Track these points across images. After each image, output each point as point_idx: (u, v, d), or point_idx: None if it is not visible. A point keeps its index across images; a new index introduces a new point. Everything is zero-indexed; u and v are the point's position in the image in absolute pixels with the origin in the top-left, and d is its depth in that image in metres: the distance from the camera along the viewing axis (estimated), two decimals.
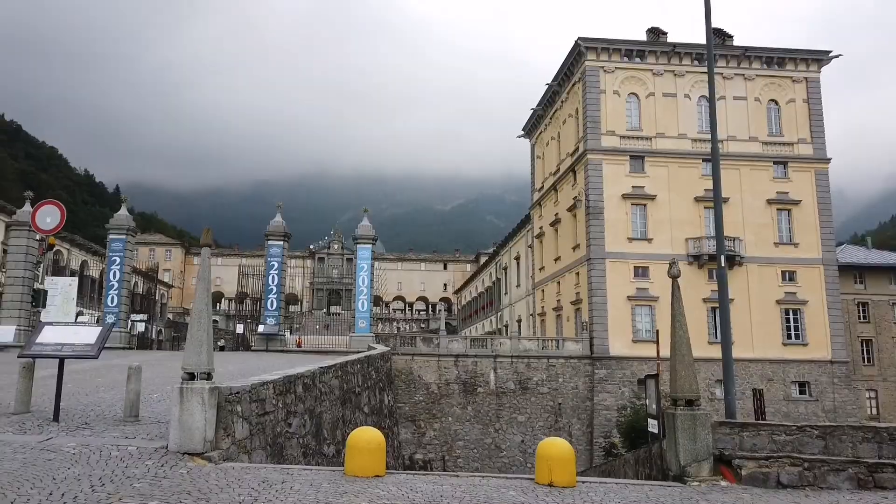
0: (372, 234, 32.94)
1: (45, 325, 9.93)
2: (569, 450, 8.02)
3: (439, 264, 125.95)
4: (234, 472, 7.67)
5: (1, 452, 7.61)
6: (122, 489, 6.48)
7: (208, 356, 8.45)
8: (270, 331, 30.04)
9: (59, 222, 11.89)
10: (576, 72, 46.14)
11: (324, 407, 13.84)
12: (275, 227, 31.81)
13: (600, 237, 41.56)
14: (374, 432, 8.21)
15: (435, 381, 37.16)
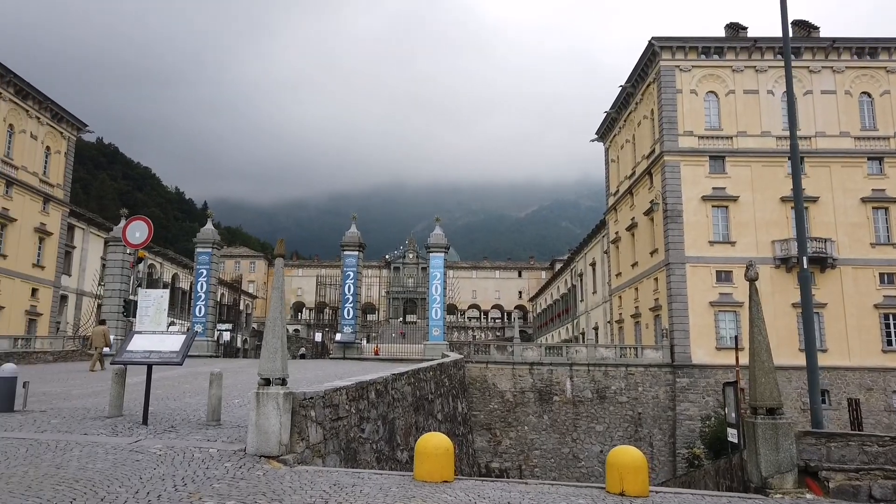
0: (444, 243, 33.17)
1: (134, 334, 10.55)
2: (641, 458, 7.80)
3: (514, 272, 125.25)
4: (307, 474, 7.89)
5: (94, 453, 8.15)
6: (203, 489, 6.79)
7: (283, 363, 8.74)
8: (347, 339, 30.72)
9: (147, 237, 12.62)
10: (650, 72, 45.04)
11: (396, 413, 14.02)
12: (350, 238, 32.57)
13: (679, 241, 40.26)
14: (441, 438, 8.26)
15: (510, 390, 36.93)
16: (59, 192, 52.37)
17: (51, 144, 51.62)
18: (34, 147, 49.43)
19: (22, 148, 47.87)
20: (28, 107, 48.46)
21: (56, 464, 7.56)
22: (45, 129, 50.79)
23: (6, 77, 45.69)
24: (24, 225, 47.46)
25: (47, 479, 6.89)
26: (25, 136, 48.31)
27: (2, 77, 45.39)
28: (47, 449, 8.30)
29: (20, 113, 47.70)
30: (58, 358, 29.29)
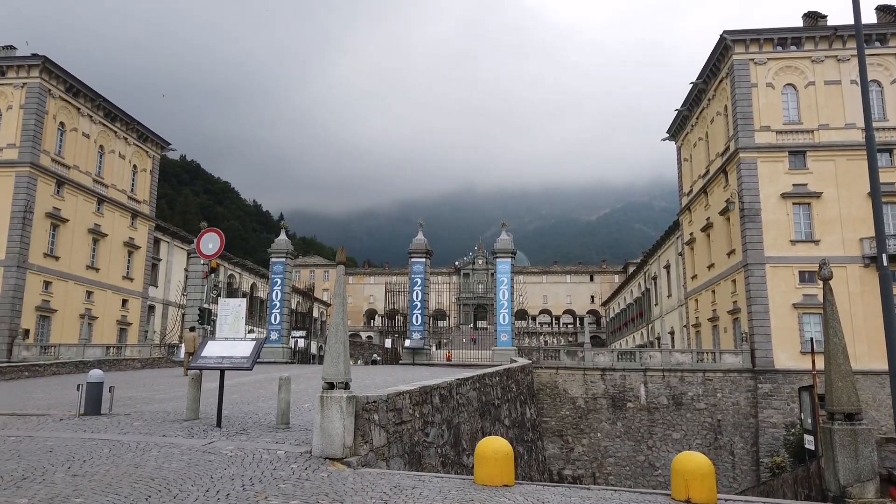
0: (511, 248, 33.07)
1: (208, 341, 11.06)
2: (708, 465, 7.54)
3: (585, 276, 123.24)
4: (369, 477, 8.04)
5: (170, 454, 8.58)
6: (269, 489, 7.05)
7: (345, 367, 8.96)
8: (416, 345, 31.06)
9: (219, 248, 13.22)
10: (722, 67, 43.51)
11: (462, 418, 14.06)
12: (417, 245, 32.95)
13: (758, 241, 38.61)
14: (501, 442, 8.24)
15: (581, 396, 36.32)
16: (145, 207, 55.39)
17: (137, 163, 54.71)
18: (122, 166, 52.52)
19: (111, 167, 50.96)
20: (116, 128, 51.56)
21: (135, 463, 8.01)
22: (132, 148, 53.88)
23: (96, 101, 48.80)
24: (114, 239, 50.46)
25: (126, 477, 7.31)
26: (114, 155, 51.41)
27: (92, 101, 48.52)
28: (128, 449, 8.81)
29: (109, 134, 50.82)
30: (145, 365, 30.96)
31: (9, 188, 41.88)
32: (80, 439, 9.56)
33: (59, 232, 44.84)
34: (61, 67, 45.03)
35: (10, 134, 42.91)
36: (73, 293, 45.87)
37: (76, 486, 6.84)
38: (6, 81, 43.57)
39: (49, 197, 44.00)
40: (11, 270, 40.78)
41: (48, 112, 44.22)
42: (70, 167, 46.30)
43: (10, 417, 12.05)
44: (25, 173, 42.12)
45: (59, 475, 7.34)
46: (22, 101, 43.17)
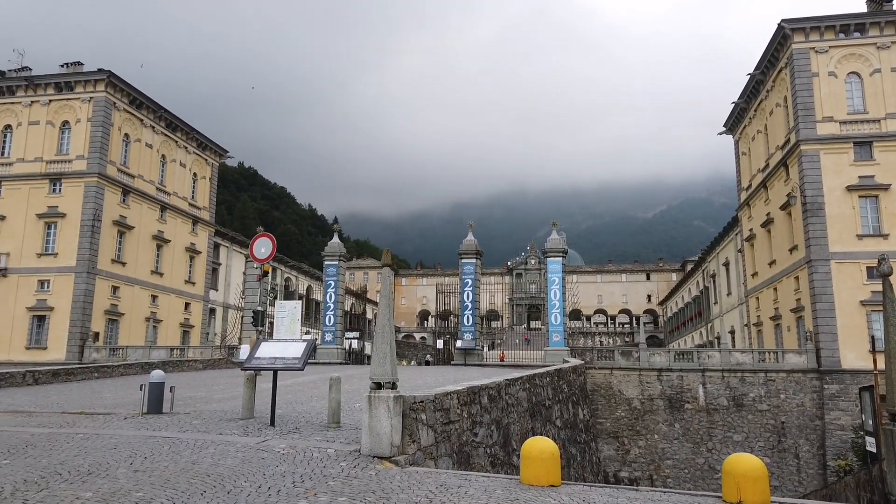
0: (561, 248, 32.79)
1: (262, 342, 11.40)
2: (760, 467, 7.35)
3: (641, 275, 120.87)
4: (416, 475, 8.15)
5: (226, 451, 8.90)
6: (318, 486, 7.24)
7: (392, 367, 9.10)
8: (468, 345, 31.12)
9: (271, 252, 13.60)
10: (781, 57, 42.03)
11: (511, 418, 14.05)
12: (467, 246, 33.02)
13: (821, 236, 37.12)
14: (547, 442, 8.23)
15: (637, 397, 35.67)
16: (205, 213, 57.28)
17: (197, 171, 56.64)
18: (183, 174, 54.47)
19: (173, 175, 52.92)
20: (177, 138, 53.52)
21: (192, 460, 8.34)
22: (192, 157, 55.82)
23: (158, 112, 50.78)
24: (176, 245, 52.36)
25: (183, 473, 7.63)
26: (175, 164, 53.37)
27: (154, 113, 50.51)
28: (186, 447, 9.18)
29: (171, 144, 52.80)
30: (206, 366, 32.03)
31: (79, 198, 44.00)
32: (142, 437, 10.01)
33: (125, 239, 46.84)
34: (125, 81, 47.03)
35: (79, 146, 45.08)
36: (138, 297, 47.84)
37: (137, 481, 7.18)
38: (74, 96, 45.80)
39: (116, 205, 46.01)
40: (82, 276, 42.82)
41: (113, 124, 46.26)
42: (135, 176, 48.31)
43: (79, 416, 12.70)
44: (94, 183, 44.17)
45: (122, 471, 7.71)
46: (89, 115, 45.30)
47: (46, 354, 41.60)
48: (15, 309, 43.13)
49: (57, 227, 44.05)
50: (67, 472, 7.59)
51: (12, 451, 8.96)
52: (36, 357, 41.19)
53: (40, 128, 45.82)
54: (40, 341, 42.71)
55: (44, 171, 45.14)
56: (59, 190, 44.58)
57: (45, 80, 46.39)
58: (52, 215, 44.06)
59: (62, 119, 45.83)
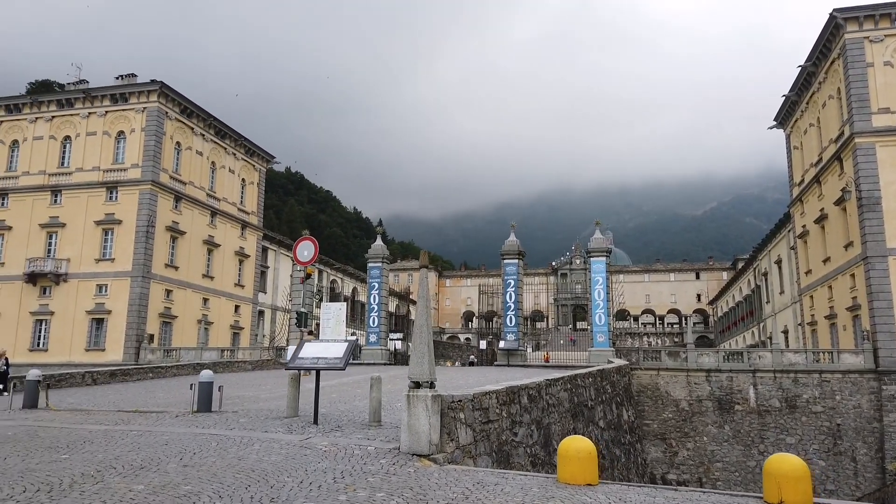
0: (605, 247, 32.46)
1: (304, 343, 11.70)
2: (802, 467, 7.22)
3: (691, 273, 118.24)
4: (454, 473, 8.27)
5: (270, 448, 9.19)
6: (358, 482, 7.43)
7: (430, 367, 9.24)
8: (511, 346, 31.10)
9: (314, 255, 13.95)
10: (833, 47, 40.67)
11: (552, 419, 14.04)
12: (509, 247, 33.00)
13: (878, 232, 35.77)
14: (584, 441, 8.24)
15: (685, 398, 34.99)
16: (253, 218, 58.68)
17: (245, 177, 58.07)
18: (232, 180, 55.94)
19: (222, 181, 54.41)
20: (226, 145, 55.01)
21: (238, 456, 8.66)
22: (241, 163, 57.27)
23: (208, 121, 52.29)
24: (226, 249, 53.80)
25: (230, 468, 7.93)
26: (225, 171, 54.85)
27: (204, 121, 52.03)
28: (233, 443, 9.51)
29: (220, 151, 54.30)
30: (255, 366, 32.84)
31: (134, 205, 45.66)
32: (192, 434, 10.41)
33: (177, 243, 48.38)
34: (176, 91, 48.59)
35: (134, 155, 46.78)
36: (191, 300, 49.33)
37: (186, 476, 7.50)
38: (129, 107, 47.55)
39: (168, 211, 47.58)
40: (137, 280, 44.42)
41: (166, 133, 47.84)
42: (186, 183, 49.85)
43: (134, 414, 13.25)
44: (147, 190, 45.77)
45: (172, 465, 8.06)
46: (143, 125, 46.96)
47: (105, 356, 43.28)
48: (75, 312, 45.00)
49: (114, 234, 45.80)
50: (121, 467, 7.98)
51: (71, 446, 9.45)
52: (95, 358, 42.89)
53: (97, 138, 47.71)
54: (99, 343, 44.46)
55: (101, 179, 46.98)
56: (116, 197, 46.34)
57: (101, 91, 48.30)
58: (109, 222, 45.83)
59: (118, 129, 47.63)
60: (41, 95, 51.77)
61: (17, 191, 48.24)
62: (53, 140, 48.58)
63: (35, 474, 7.56)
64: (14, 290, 46.17)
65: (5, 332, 45.20)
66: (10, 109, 49.68)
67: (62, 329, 45.05)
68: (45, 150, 48.46)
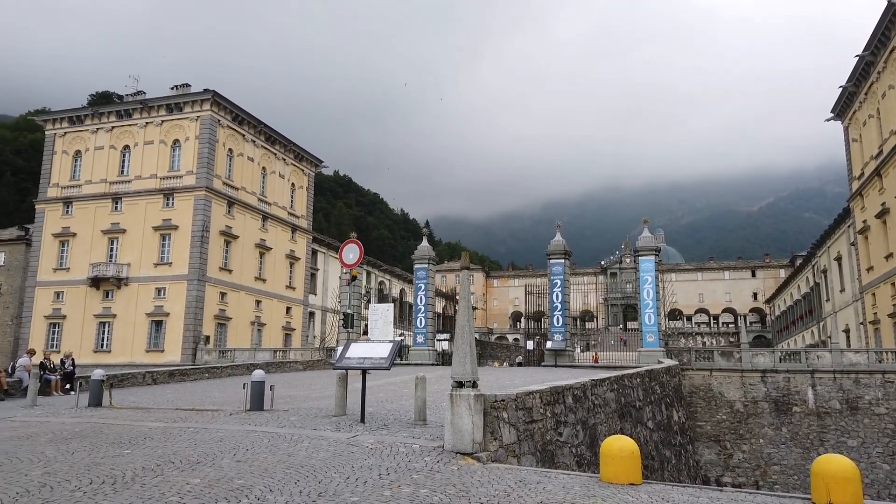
0: (653, 246, 31.97)
1: (351, 343, 11.99)
2: (852, 468, 7.07)
3: (746, 272, 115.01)
4: (497, 471, 8.38)
5: (319, 445, 9.48)
6: (402, 479, 7.62)
7: (472, 366, 9.37)
8: (558, 346, 30.93)
9: (359, 257, 14.26)
10: (892, 36, 39.04)
11: (598, 419, 13.99)
12: (555, 246, 32.82)
13: None
14: (626, 441, 8.24)
15: (739, 399, 34.13)
16: (303, 221, 59.91)
17: (295, 181, 59.35)
18: (282, 184, 57.25)
19: (273, 186, 55.75)
20: (276, 150, 56.35)
21: (288, 452, 8.96)
22: (290, 168, 58.56)
23: (258, 127, 53.67)
24: (277, 252, 55.10)
25: (280, 464, 8.23)
26: (275, 175, 56.19)
27: (255, 128, 53.42)
28: (283, 440, 9.84)
29: (270, 156, 55.66)
30: (306, 366, 33.54)
31: (189, 210, 47.24)
32: (245, 431, 10.80)
33: (230, 247, 49.82)
34: (227, 99, 50.05)
35: (189, 162, 48.40)
36: (244, 302, 50.70)
37: (239, 471, 7.83)
38: (183, 116, 49.22)
39: (222, 216, 49.04)
40: (193, 283, 45.93)
41: (218, 140, 49.33)
42: (238, 188, 51.27)
43: (191, 412, 13.80)
44: (202, 196, 47.29)
45: (226, 461, 8.42)
46: (197, 133, 48.55)
47: (164, 357, 44.90)
48: (136, 315, 46.83)
49: (171, 239, 47.48)
50: (179, 461, 8.38)
51: (133, 442, 9.95)
52: (155, 359, 44.55)
53: (154, 147, 49.56)
54: (158, 344, 46.15)
55: (158, 186, 48.76)
56: (172, 204, 48.02)
57: (157, 102, 50.14)
58: (167, 227, 47.53)
59: (173, 138, 49.36)
60: (101, 107, 54.07)
61: (80, 199, 50.48)
62: (113, 150, 50.64)
63: (100, 468, 8.01)
64: (79, 293, 48.34)
65: (71, 334, 47.41)
66: (72, 121, 52.05)
67: (124, 331, 46.93)
68: (105, 159, 50.57)
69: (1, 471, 7.90)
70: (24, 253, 58.90)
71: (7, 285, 61.69)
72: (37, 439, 10.41)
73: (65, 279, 49.16)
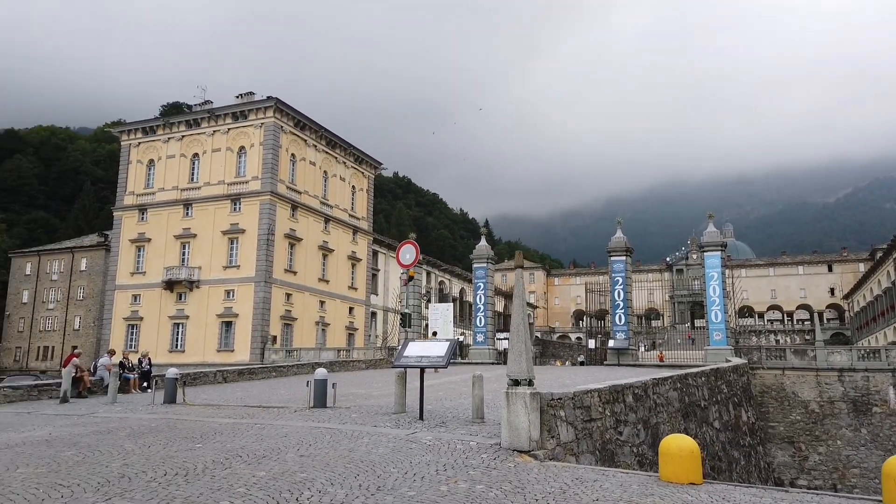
0: (719, 241, 31.01)
1: (409, 342, 12.20)
2: None
3: (822, 266, 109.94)
4: (554, 469, 8.39)
5: (378, 441, 9.71)
6: (459, 474, 7.74)
7: (528, 365, 9.40)
8: (620, 345, 30.43)
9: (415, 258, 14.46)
10: None
11: (661, 418, 13.75)
12: (616, 244, 32.29)
13: None
14: (686, 440, 8.12)
15: (814, 399, 32.73)
16: (364, 223, 60.93)
17: (355, 184, 60.42)
18: (343, 187, 58.39)
19: (334, 189, 56.93)
20: (336, 154, 57.52)
21: (349, 448, 9.22)
22: (350, 171, 59.66)
23: (319, 132, 54.92)
24: (339, 254, 56.23)
25: (341, 459, 8.49)
26: (336, 179, 57.37)
27: (316, 133, 54.69)
28: (345, 436, 10.12)
29: (331, 160, 56.87)
30: (369, 366, 34.16)
31: (255, 215, 48.79)
32: (308, 427, 11.16)
33: (295, 249, 51.17)
34: (289, 106, 51.42)
35: (254, 168, 49.99)
36: (308, 303, 51.99)
37: (302, 465, 8.12)
38: (248, 123, 50.86)
39: (286, 220, 50.43)
40: (260, 285, 47.42)
41: (281, 146, 50.75)
42: (301, 192, 52.61)
43: (258, 409, 14.32)
44: (267, 201, 48.76)
45: (290, 455, 8.74)
46: (261, 139, 50.09)
47: (234, 356, 46.53)
48: (207, 316, 48.70)
49: (238, 242, 49.15)
50: (246, 455, 8.75)
51: (204, 437, 10.43)
52: (225, 359, 46.21)
53: (221, 154, 51.40)
54: (228, 344, 47.85)
55: (226, 192, 50.55)
56: (239, 208, 49.70)
57: (223, 111, 51.98)
58: (234, 231, 49.23)
59: (239, 145, 51.07)
60: (172, 117, 56.45)
61: (154, 206, 52.88)
62: (184, 158, 52.80)
63: (174, 460, 8.46)
64: (154, 296, 50.65)
65: (148, 334, 49.72)
66: (146, 132, 54.57)
67: (196, 331, 48.88)
68: (176, 167, 52.78)
69: (85, 462, 8.45)
70: (104, 258, 62.21)
71: (89, 289, 65.30)
72: (117, 434, 11.05)
73: (141, 282, 51.58)
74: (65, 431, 11.44)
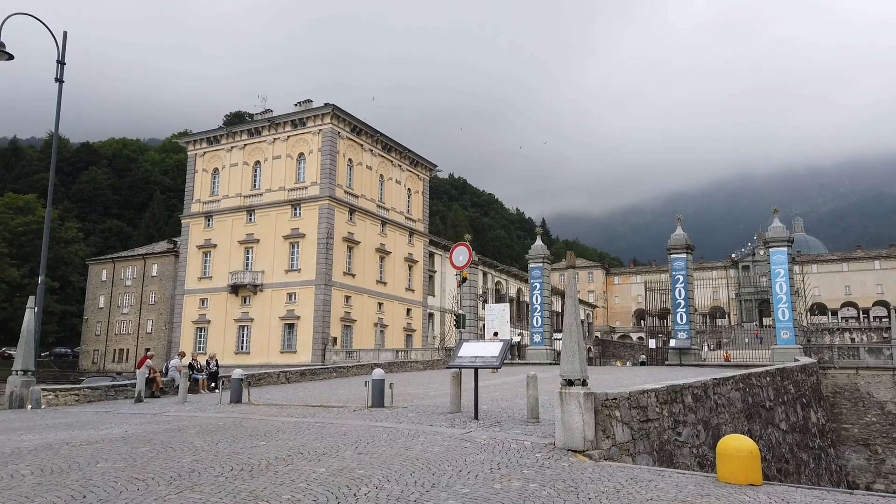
0: (785, 236, 29.93)
1: (463, 343, 12.35)
2: None
3: None
4: (608, 469, 8.37)
5: (434, 440, 9.89)
6: (513, 473, 7.83)
7: (581, 364, 9.40)
8: (682, 345, 29.77)
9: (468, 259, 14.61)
10: None
11: (722, 419, 13.46)
12: (675, 241, 31.61)
13: None
14: (744, 440, 7.97)
15: (892, 400, 31.15)
16: (419, 225, 61.49)
17: (411, 186, 61.07)
18: (399, 190, 59.11)
19: (390, 192, 57.71)
20: (392, 158, 58.28)
21: (405, 446, 9.44)
22: (406, 174, 60.34)
23: (375, 136, 55.78)
24: (396, 256, 56.94)
25: (397, 456, 8.70)
26: (392, 182, 58.14)
27: (372, 137, 55.57)
28: (401, 435, 10.35)
29: (387, 164, 57.67)
30: (426, 366, 34.49)
31: (314, 219, 49.97)
32: (366, 426, 11.45)
33: (353, 253, 52.13)
34: (346, 112, 52.44)
35: (313, 173, 51.20)
36: (367, 305, 52.86)
37: (360, 462, 8.38)
38: (306, 130, 52.14)
39: (344, 223, 51.44)
40: (321, 288, 48.52)
41: (339, 151, 51.81)
42: (358, 196, 53.56)
43: (319, 408, 14.76)
44: (326, 205, 49.86)
45: (349, 452, 9.02)
46: (319, 145, 51.26)
47: (296, 357, 47.77)
48: (270, 318, 50.17)
49: (299, 246, 50.44)
50: (307, 452, 9.08)
51: (267, 435, 10.85)
52: (288, 360, 47.49)
53: (282, 161, 52.86)
54: (291, 346, 49.17)
55: (286, 198, 51.95)
56: (299, 213, 51.00)
57: (282, 119, 53.45)
58: (295, 236, 50.54)
59: (298, 151, 52.41)
60: (234, 126, 58.41)
61: (219, 213, 54.82)
62: (246, 165, 54.56)
63: (239, 457, 8.86)
64: (220, 300, 52.50)
65: (215, 337, 51.57)
66: (210, 141, 56.63)
67: (260, 334, 50.42)
68: (240, 174, 54.58)
69: (158, 458, 8.95)
70: (174, 264, 64.88)
71: (160, 294, 68.23)
72: (187, 431, 11.61)
73: (208, 287, 53.56)
74: (139, 429, 12.09)
